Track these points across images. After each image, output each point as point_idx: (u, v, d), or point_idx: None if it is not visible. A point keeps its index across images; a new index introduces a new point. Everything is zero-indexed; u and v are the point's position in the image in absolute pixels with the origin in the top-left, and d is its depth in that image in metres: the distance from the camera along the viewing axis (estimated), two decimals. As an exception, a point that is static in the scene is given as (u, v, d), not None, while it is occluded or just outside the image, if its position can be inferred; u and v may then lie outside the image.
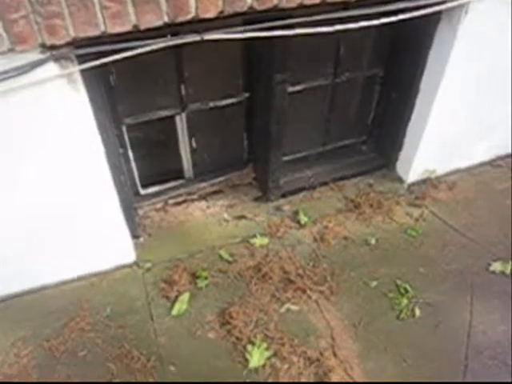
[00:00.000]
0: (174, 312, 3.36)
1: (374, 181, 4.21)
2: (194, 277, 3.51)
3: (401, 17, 2.87)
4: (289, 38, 2.78)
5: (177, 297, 3.42)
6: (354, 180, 4.20)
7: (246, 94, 3.53)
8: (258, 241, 3.73)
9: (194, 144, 3.64)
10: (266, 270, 3.52)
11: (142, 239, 3.75)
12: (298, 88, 3.60)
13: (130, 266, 3.63)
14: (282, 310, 3.34)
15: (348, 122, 4.12)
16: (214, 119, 3.58)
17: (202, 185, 3.91)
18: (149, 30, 2.35)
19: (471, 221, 3.95)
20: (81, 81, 2.51)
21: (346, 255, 3.67)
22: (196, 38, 2.49)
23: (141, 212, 3.82)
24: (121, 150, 3.34)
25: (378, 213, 3.94)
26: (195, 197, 3.92)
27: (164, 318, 3.34)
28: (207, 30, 2.52)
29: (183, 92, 3.27)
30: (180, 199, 3.90)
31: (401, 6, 2.87)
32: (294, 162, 4.12)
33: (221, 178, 3.95)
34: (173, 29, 2.47)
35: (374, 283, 3.47)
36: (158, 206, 3.86)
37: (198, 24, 2.47)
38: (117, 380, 3.02)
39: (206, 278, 3.50)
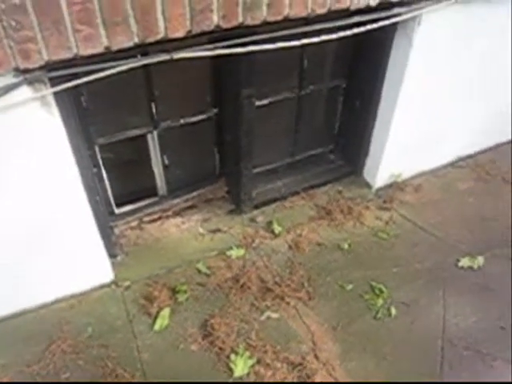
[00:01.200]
0: (156, 327, 3.38)
1: (344, 188, 4.35)
2: (174, 292, 3.55)
3: (356, 30, 3.03)
4: (254, 54, 2.89)
5: (158, 312, 3.44)
6: (324, 188, 4.32)
7: (215, 110, 3.62)
8: (235, 252, 3.80)
9: (166, 161, 3.69)
10: (244, 280, 3.58)
11: (119, 258, 3.76)
12: (264, 102, 3.70)
13: (108, 285, 3.63)
14: (263, 318, 3.40)
15: (315, 132, 4.25)
16: (185, 135, 3.65)
17: (176, 201, 3.96)
18: (120, 51, 2.42)
19: (438, 220, 4.12)
20: (54, 103, 2.55)
21: (321, 261, 3.77)
22: (166, 57, 2.57)
23: (117, 231, 3.84)
24: (94, 170, 3.37)
25: (348, 218, 4.07)
26: (170, 213, 3.96)
27: (146, 335, 3.36)
28: (176, 48, 2.60)
29: (154, 110, 3.33)
30: (155, 216, 3.93)
31: (358, 19, 3.02)
32: (265, 174, 4.21)
33: (194, 193, 4.01)
34: (143, 49, 2.54)
35: (350, 286, 3.57)
36: (133, 224, 3.88)
37: (168, 43, 2.55)
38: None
39: (185, 292, 3.54)
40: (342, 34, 3.00)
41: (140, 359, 3.23)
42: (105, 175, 3.54)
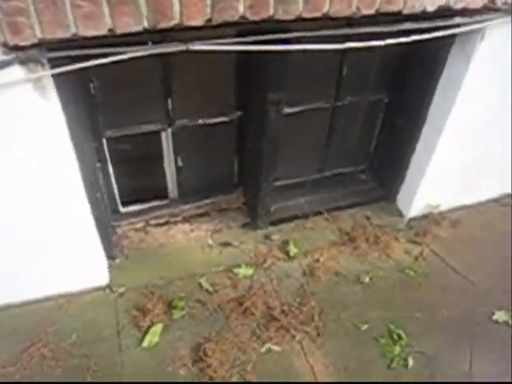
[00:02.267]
0: (145, 344, 3.08)
1: (372, 213, 3.94)
2: (170, 306, 3.23)
3: (410, 38, 2.64)
4: (286, 55, 2.56)
5: (149, 327, 3.14)
6: (351, 211, 3.93)
7: (239, 113, 3.29)
8: (243, 271, 3.45)
9: (179, 162, 3.39)
10: (249, 304, 3.24)
11: (117, 261, 3.47)
12: (295, 109, 3.35)
13: (102, 289, 3.35)
14: (263, 349, 3.04)
15: (348, 149, 3.87)
16: (203, 138, 3.34)
17: (187, 206, 3.65)
18: (127, 35, 2.11)
19: (474, 263, 3.64)
20: (52, 88, 2.27)
21: (337, 293, 3.38)
22: (181, 47, 2.25)
23: (119, 231, 3.55)
24: (98, 165, 3.09)
25: (374, 248, 3.66)
26: (179, 219, 3.66)
27: (133, 350, 3.06)
28: (194, 39, 2.28)
29: (170, 106, 3.03)
30: (162, 220, 3.63)
31: (411, 26, 2.64)
32: (287, 188, 3.86)
33: (207, 201, 3.69)
34: (155, 36, 2.23)
35: (365, 326, 3.17)
36: (139, 225, 3.59)
37: (185, 32, 2.23)
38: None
39: (182, 309, 3.22)
40: (390, 41, 2.62)
41: (122, 377, 2.94)
42: (111, 171, 3.26)
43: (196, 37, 2.29)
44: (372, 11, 2.45)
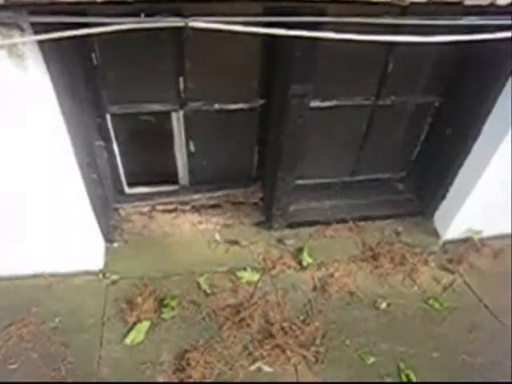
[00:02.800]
0: (128, 341, 2.85)
1: (404, 229, 3.49)
2: (161, 304, 2.98)
3: (471, 37, 2.17)
4: (317, 42, 2.15)
5: (135, 323, 2.91)
6: (380, 223, 3.50)
7: (262, 101, 2.91)
8: (247, 275, 3.14)
9: (192, 148, 3.06)
10: (246, 314, 2.93)
11: (116, 245, 3.24)
12: (326, 104, 2.95)
13: (95, 273, 3.14)
14: (252, 367, 2.75)
15: (386, 153, 3.41)
16: (220, 124, 3.00)
17: (198, 195, 3.33)
18: (112, 2, 1.77)
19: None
20: (32, 57, 1.99)
21: (347, 316, 3.00)
22: (178, 23, 1.89)
23: (122, 213, 3.30)
24: (101, 143, 2.82)
25: (398, 270, 3.24)
26: (187, 207, 3.35)
27: (114, 346, 2.85)
28: (198, 14, 1.92)
29: (181, 86, 2.69)
30: (170, 207, 3.34)
31: (478, 22, 2.16)
32: (312, 189, 3.47)
33: (221, 192, 3.35)
34: (149, 6, 1.88)
35: (372, 359, 2.80)
36: (144, 209, 3.32)
37: (197, 5, 1.88)
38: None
39: (173, 309, 2.96)
40: (447, 38, 2.15)
41: (97, 373, 2.73)
42: (116, 149, 2.98)
43: (202, 11, 1.93)
44: (425, -1, 2.02)
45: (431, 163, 3.36)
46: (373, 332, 2.93)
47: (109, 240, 3.20)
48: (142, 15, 1.91)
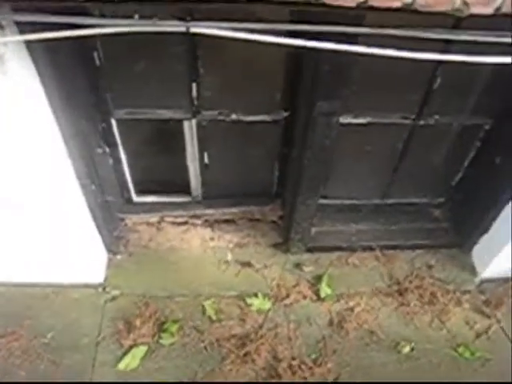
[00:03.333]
0: (121, 366, 2.65)
1: (437, 262, 3.12)
2: (161, 328, 2.74)
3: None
4: (346, 54, 1.83)
5: (131, 347, 2.70)
6: (410, 254, 3.14)
7: (285, 114, 2.59)
8: (257, 303, 2.86)
9: (206, 159, 2.78)
10: (253, 347, 2.67)
11: (119, 257, 3.01)
12: (360, 121, 2.61)
13: (94, 286, 2.93)
14: (253, 410, 2.48)
15: (423, 176, 3.04)
16: (237, 136, 2.70)
17: (211, 210, 3.05)
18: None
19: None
20: (14, 58, 1.75)
21: (364, 358, 2.70)
22: (179, 28, 1.61)
23: (129, 223, 3.06)
24: (101, 150, 2.56)
25: (427, 309, 2.89)
26: (199, 222, 3.08)
27: (107, 369, 2.65)
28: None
29: (194, 93, 2.40)
30: (180, 219, 3.08)
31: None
32: (337, 210, 3.14)
33: (236, 208, 3.06)
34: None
35: (388, 413, 2.49)
36: (152, 220, 3.07)
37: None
38: None
39: (173, 335, 2.72)
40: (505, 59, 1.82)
41: (83, 401, 2.52)
42: (123, 156, 2.73)
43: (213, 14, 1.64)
44: (489, 10, 1.67)
45: (475, 192, 2.98)
46: (392, 379, 2.61)
47: (112, 251, 2.97)
48: (136, 16, 1.62)
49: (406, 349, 2.73)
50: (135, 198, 3.01)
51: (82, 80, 2.22)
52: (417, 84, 2.52)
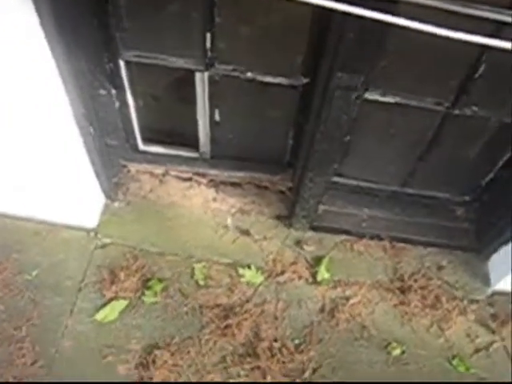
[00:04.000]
0: (99, 317, 2.59)
1: (448, 263, 2.88)
2: (145, 285, 2.65)
3: None
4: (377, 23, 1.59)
5: (111, 299, 2.62)
6: (421, 250, 2.91)
7: (305, 80, 2.35)
8: (249, 275, 2.72)
9: (216, 116, 2.58)
10: (235, 321, 2.55)
11: (116, 204, 2.90)
12: (387, 99, 2.34)
13: (86, 230, 2.84)
14: (224, 384, 2.38)
15: (450, 170, 2.77)
16: (252, 96, 2.48)
17: (218, 170, 2.88)
18: None
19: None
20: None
21: (350, 353, 2.55)
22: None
23: (132, 170, 2.92)
24: (104, 92, 2.40)
25: (427, 313, 2.68)
26: (204, 180, 2.92)
27: (84, 318, 2.61)
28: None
29: (208, 44, 2.18)
30: (185, 175, 2.92)
31: None
32: (351, 191, 2.91)
33: (244, 173, 2.87)
34: None
35: (363, 415, 2.35)
36: (156, 171, 2.93)
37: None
38: None
39: (156, 294, 2.62)
40: None
41: (58, 345, 2.48)
42: (130, 100, 2.55)
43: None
44: None
45: (505, 196, 2.68)
46: (374, 379, 2.46)
47: (110, 197, 2.86)
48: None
49: (397, 351, 2.56)
50: (141, 146, 2.85)
51: (87, 15, 2.04)
52: (457, 68, 2.22)
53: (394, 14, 1.54)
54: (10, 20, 1.74)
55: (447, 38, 1.50)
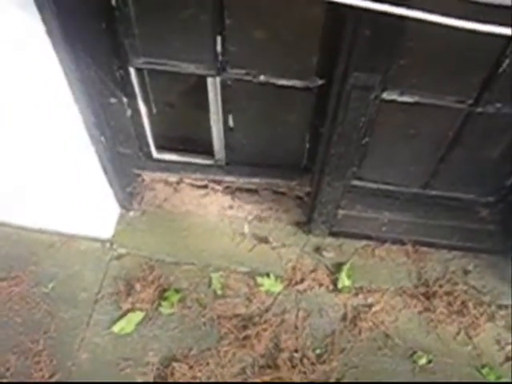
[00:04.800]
0: (116, 329, 2.56)
1: (474, 267, 2.77)
2: (162, 295, 2.61)
3: None
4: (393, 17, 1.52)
5: (128, 311, 2.58)
6: (446, 254, 2.80)
7: (320, 82, 2.28)
8: (268, 284, 2.65)
9: (230, 122, 2.53)
10: (254, 332, 2.49)
11: (131, 214, 2.86)
12: (407, 99, 2.26)
13: (101, 241, 2.81)
14: (243, 398, 2.32)
15: (473, 170, 2.67)
16: (266, 100, 2.42)
17: (233, 177, 2.82)
18: None
19: None
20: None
21: (374, 363, 2.46)
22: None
23: (146, 179, 2.88)
24: (114, 100, 2.37)
25: (454, 319, 2.58)
26: (219, 187, 2.87)
27: (100, 330, 2.58)
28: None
29: (219, 48, 2.13)
30: (200, 183, 2.88)
31: None
32: (371, 194, 2.83)
33: (261, 179, 2.81)
34: None
35: (389, 427, 2.26)
36: (171, 179, 2.88)
37: None
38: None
39: (173, 305, 2.58)
40: None
41: (74, 358, 2.45)
42: (142, 108, 2.52)
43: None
44: None
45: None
46: (400, 390, 2.38)
47: (124, 207, 2.83)
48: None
49: (423, 360, 2.47)
50: (155, 154, 2.82)
51: (94, 21, 2.00)
52: (479, 64, 2.13)
53: (410, 7, 1.47)
54: (13, 26, 1.72)
55: (468, 31, 1.43)
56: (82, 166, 2.43)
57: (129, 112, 2.51)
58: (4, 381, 2.42)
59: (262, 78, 2.27)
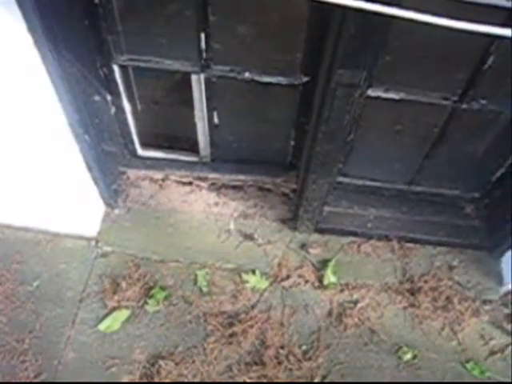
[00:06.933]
0: (102, 327, 2.55)
1: (459, 263, 2.79)
2: (148, 293, 2.59)
3: None
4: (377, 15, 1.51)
5: (114, 309, 2.57)
6: (431, 250, 2.82)
7: (305, 79, 2.27)
8: (254, 280, 2.65)
9: (215, 119, 2.52)
10: (240, 328, 2.49)
11: (116, 211, 2.84)
12: (392, 95, 2.26)
13: (86, 239, 2.79)
14: (229, 395, 2.32)
15: (458, 166, 2.68)
16: (251, 97, 2.41)
17: (219, 174, 2.81)
18: None
19: None
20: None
21: (360, 359, 2.47)
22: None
23: (131, 177, 2.86)
24: (98, 98, 2.34)
25: (439, 315, 2.60)
26: (205, 184, 2.86)
27: (86, 328, 2.56)
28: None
29: (203, 44, 2.11)
30: (185, 179, 2.87)
31: None
32: (357, 191, 2.83)
33: (246, 176, 2.80)
34: None
35: (375, 423, 2.28)
36: (156, 176, 2.87)
37: None
38: None
39: (159, 303, 2.56)
40: None
41: (60, 358, 2.46)
42: (126, 105, 2.49)
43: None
44: None
45: (516, 192, 2.62)
46: (385, 386, 2.40)
47: (109, 205, 2.81)
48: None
49: (408, 355, 2.48)
50: (140, 152, 2.79)
51: (77, 17, 1.97)
52: (464, 61, 2.13)
53: (396, 5, 1.46)
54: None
55: (453, 30, 1.43)
56: (66, 164, 2.40)
57: (113, 109, 2.49)
58: (-12, 381, 2.42)
59: (246, 74, 2.26)
